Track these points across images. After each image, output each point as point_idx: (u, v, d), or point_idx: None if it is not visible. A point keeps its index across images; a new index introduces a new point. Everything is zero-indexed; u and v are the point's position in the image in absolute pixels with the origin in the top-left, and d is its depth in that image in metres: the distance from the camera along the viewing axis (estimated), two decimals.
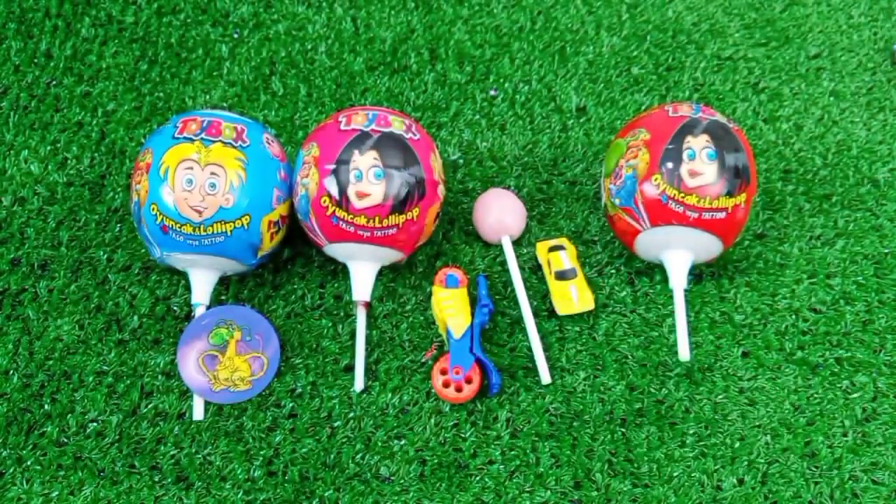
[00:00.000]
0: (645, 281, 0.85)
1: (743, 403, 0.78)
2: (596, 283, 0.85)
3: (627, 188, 0.78)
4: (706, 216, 0.76)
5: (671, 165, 0.76)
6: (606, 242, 0.87)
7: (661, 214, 0.77)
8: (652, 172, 0.77)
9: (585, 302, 0.82)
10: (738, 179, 0.76)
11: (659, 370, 0.80)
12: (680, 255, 0.79)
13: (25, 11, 1.02)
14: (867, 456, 0.76)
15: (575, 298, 0.82)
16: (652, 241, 0.79)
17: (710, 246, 0.79)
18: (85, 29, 1.01)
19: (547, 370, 0.79)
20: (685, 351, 0.78)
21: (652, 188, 0.77)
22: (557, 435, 0.77)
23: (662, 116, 0.79)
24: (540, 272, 0.85)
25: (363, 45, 1.00)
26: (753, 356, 0.81)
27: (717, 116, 0.79)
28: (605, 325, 0.82)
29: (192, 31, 1.01)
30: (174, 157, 0.75)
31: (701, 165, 0.76)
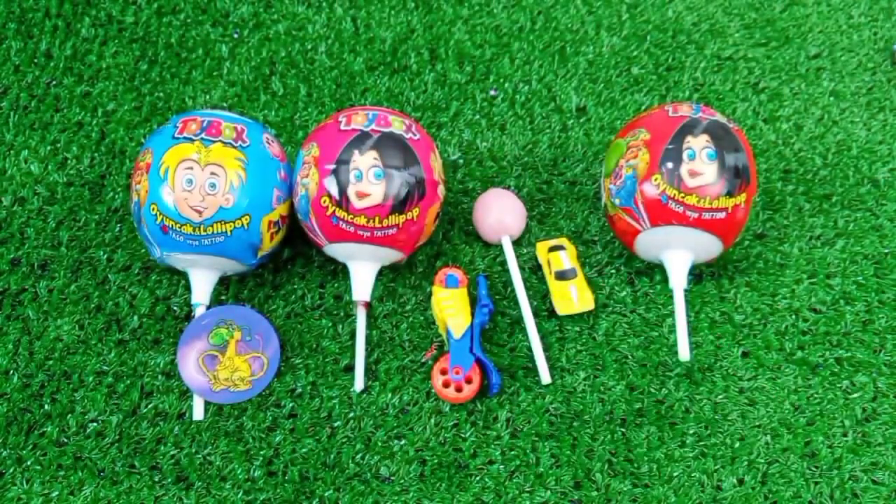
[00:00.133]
0: (645, 281, 0.85)
1: (743, 403, 0.78)
2: (596, 283, 0.85)
3: (627, 188, 0.78)
4: (706, 216, 0.76)
5: (671, 165, 0.76)
6: (606, 242, 0.87)
7: (661, 214, 0.77)
8: (652, 172, 0.77)
9: (585, 302, 0.82)
10: (738, 179, 0.76)
11: (659, 370, 0.80)
12: (680, 255, 0.79)
13: (25, 11, 1.02)
14: (867, 456, 0.76)
15: (575, 298, 0.82)
16: (652, 241, 0.79)
17: (710, 246, 0.79)
18: (85, 29, 1.01)
19: (547, 370, 0.79)
20: (685, 351, 0.78)
21: (652, 188, 0.77)
22: (557, 435, 0.77)
23: (662, 116, 0.79)
24: (540, 272, 0.85)
25: (363, 45, 1.00)
26: (753, 356, 0.81)
27: (717, 116, 0.79)
28: (605, 325, 0.82)
29: (192, 31, 1.01)
30: (174, 157, 0.75)
31: (701, 165, 0.76)
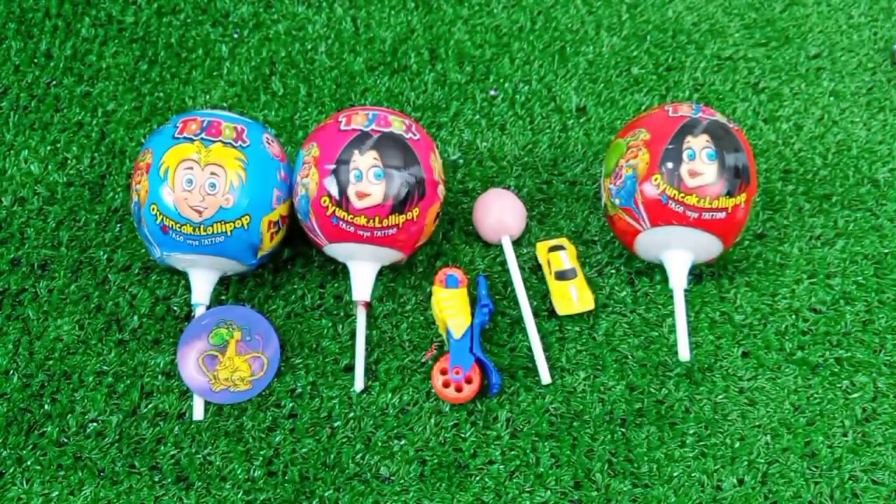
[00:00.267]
0: (645, 281, 0.85)
1: (743, 403, 0.78)
2: (596, 283, 0.85)
3: (627, 188, 0.78)
4: (706, 216, 0.76)
5: (671, 165, 0.76)
6: (606, 242, 0.87)
7: (661, 214, 0.77)
8: (652, 172, 0.77)
9: (585, 302, 0.82)
10: (738, 179, 0.76)
11: (659, 370, 0.80)
12: (680, 255, 0.79)
13: (25, 11, 1.02)
14: (867, 456, 0.76)
15: (575, 298, 0.82)
16: (652, 241, 0.79)
17: (710, 246, 0.79)
18: (85, 29, 1.01)
19: (547, 370, 0.79)
20: (685, 351, 0.78)
21: (652, 188, 0.77)
22: (557, 435, 0.77)
23: (662, 116, 0.79)
24: (540, 272, 0.85)
25: (363, 45, 1.00)
26: (753, 356, 0.81)
27: (717, 116, 0.79)
28: (605, 325, 0.82)
29: (192, 31, 1.01)
30: (174, 157, 0.75)
31: (701, 165, 0.76)
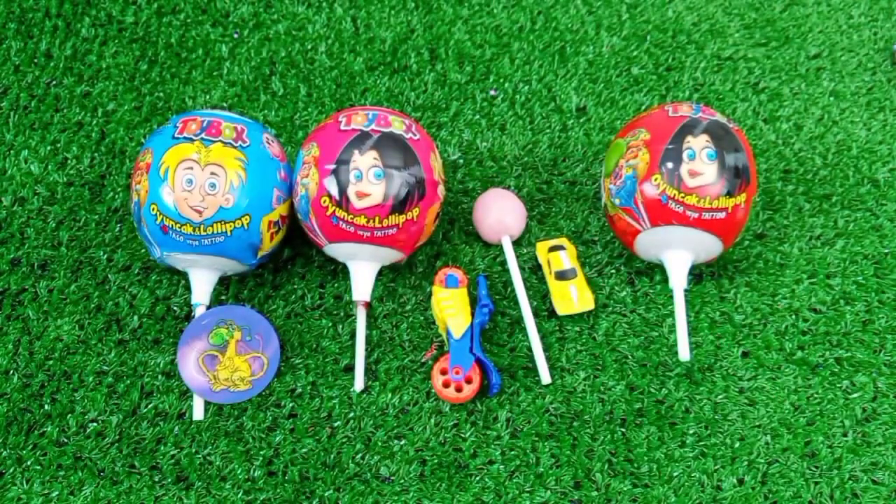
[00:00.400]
0: (645, 281, 0.85)
1: (743, 403, 0.78)
2: (596, 283, 0.85)
3: (627, 188, 0.78)
4: (706, 216, 0.76)
5: (671, 165, 0.76)
6: (606, 242, 0.87)
7: (661, 214, 0.77)
8: (652, 172, 0.77)
9: (585, 302, 0.82)
10: (738, 179, 0.76)
11: (659, 370, 0.80)
12: (680, 255, 0.79)
13: (25, 11, 1.02)
14: (867, 456, 0.76)
15: (575, 298, 0.82)
16: (652, 241, 0.79)
17: (710, 246, 0.79)
18: (85, 29, 1.01)
19: (547, 370, 0.79)
20: (685, 351, 0.78)
21: (652, 188, 0.77)
22: (557, 435, 0.77)
23: (662, 116, 0.79)
24: (540, 272, 0.85)
25: (363, 45, 1.00)
26: (753, 356, 0.81)
27: (717, 116, 0.79)
28: (605, 325, 0.82)
29: (192, 31, 1.01)
30: (174, 157, 0.75)
31: (701, 165, 0.76)
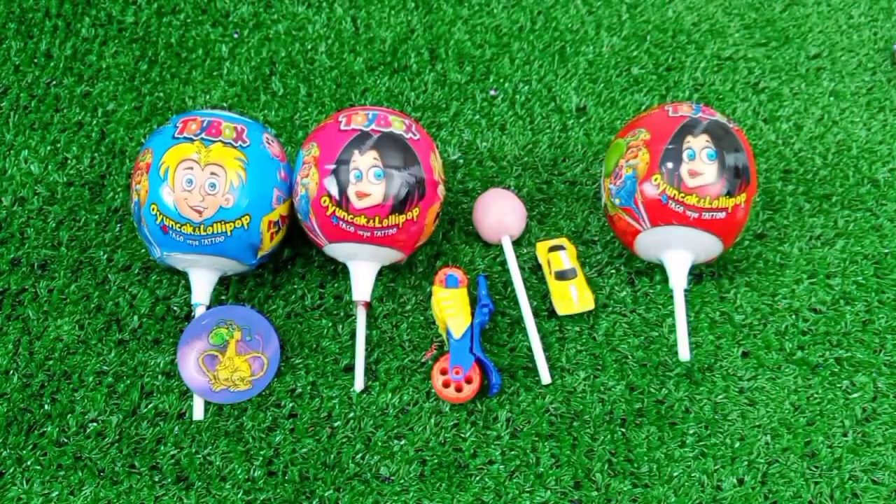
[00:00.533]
0: (645, 281, 0.85)
1: (743, 403, 0.78)
2: (596, 283, 0.85)
3: (627, 188, 0.78)
4: (706, 216, 0.76)
5: (671, 165, 0.76)
6: (606, 242, 0.87)
7: (661, 214, 0.77)
8: (652, 172, 0.77)
9: (585, 302, 0.82)
10: (738, 179, 0.76)
11: (659, 370, 0.80)
12: (680, 255, 0.79)
13: (25, 11, 1.02)
14: (867, 456, 0.76)
15: (575, 298, 0.82)
16: (652, 241, 0.79)
17: (710, 246, 0.79)
18: (85, 29, 1.01)
19: (547, 370, 0.79)
20: (685, 351, 0.78)
21: (652, 188, 0.77)
22: (557, 435, 0.77)
23: (662, 116, 0.79)
24: (540, 272, 0.85)
25: (363, 45, 1.00)
26: (753, 356, 0.81)
27: (717, 116, 0.79)
28: (605, 325, 0.82)
29: (192, 31, 1.01)
30: (174, 157, 0.75)
31: (701, 165, 0.76)
